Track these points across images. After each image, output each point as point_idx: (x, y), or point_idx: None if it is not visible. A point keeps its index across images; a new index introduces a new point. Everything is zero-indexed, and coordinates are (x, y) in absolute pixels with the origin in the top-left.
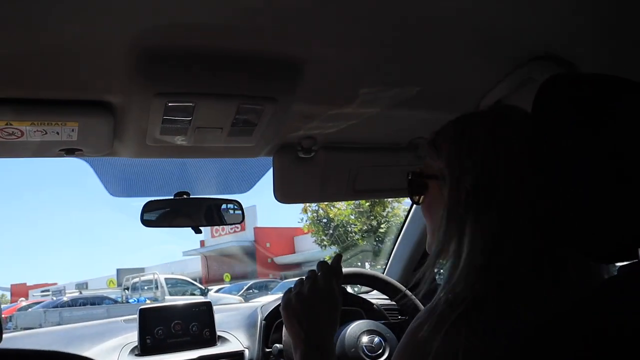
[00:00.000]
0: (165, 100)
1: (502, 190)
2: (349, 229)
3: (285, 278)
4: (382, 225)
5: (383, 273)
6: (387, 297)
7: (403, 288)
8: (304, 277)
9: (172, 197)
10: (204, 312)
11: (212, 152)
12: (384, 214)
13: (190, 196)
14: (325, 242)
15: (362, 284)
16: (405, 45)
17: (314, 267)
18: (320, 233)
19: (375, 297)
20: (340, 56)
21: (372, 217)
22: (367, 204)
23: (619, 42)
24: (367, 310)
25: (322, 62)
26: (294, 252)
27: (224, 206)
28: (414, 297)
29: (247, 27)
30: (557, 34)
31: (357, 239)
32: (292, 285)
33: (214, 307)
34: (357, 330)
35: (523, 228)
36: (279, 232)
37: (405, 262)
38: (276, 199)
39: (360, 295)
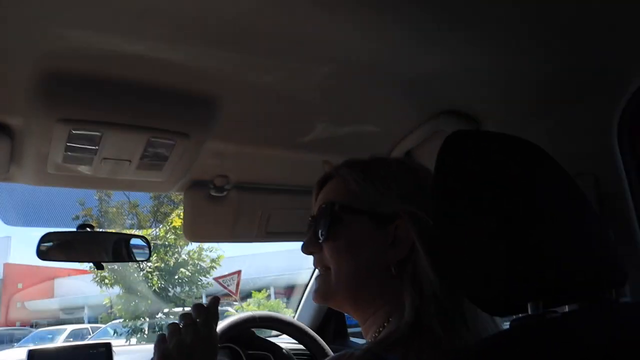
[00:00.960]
0: (70, 127)
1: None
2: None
3: (37, 326)
4: (182, 269)
5: (294, 316)
6: (296, 342)
7: (312, 333)
8: (175, 323)
9: (75, 230)
10: (102, 354)
11: (119, 185)
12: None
13: (95, 229)
14: (107, 281)
15: (271, 328)
16: (320, 89)
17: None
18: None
19: (285, 342)
20: (255, 96)
21: (170, 254)
22: (173, 237)
23: (517, 104)
24: (276, 355)
25: (236, 101)
26: (53, 297)
27: (132, 241)
28: (322, 341)
29: (161, 60)
30: (464, 91)
31: (151, 278)
32: (164, 333)
33: (115, 349)
34: None
35: (435, 281)
36: (36, 271)
37: (316, 306)
38: (185, 236)
39: (268, 339)
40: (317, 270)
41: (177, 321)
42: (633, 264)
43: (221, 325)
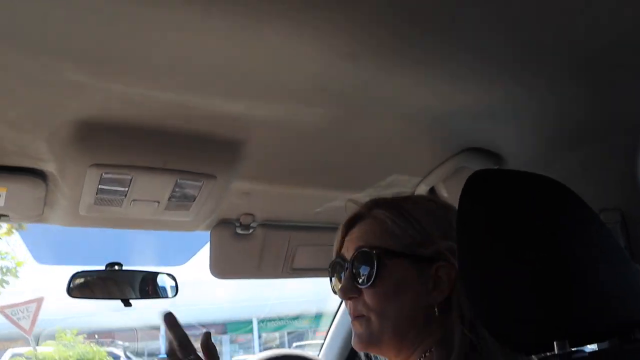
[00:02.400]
0: (102, 171)
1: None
2: None
3: None
4: None
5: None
6: None
7: None
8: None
9: (103, 268)
10: None
11: (147, 225)
12: None
13: (123, 268)
14: None
15: None
16: (343, 128)
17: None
18: None
19: None
20: (279, 138)
21: None
22: None
23: (541, 141)
24: None
25: (261, 143)
26: None
27: (159, 279)
28: None
29: (189, 107)
30: (489, 129)
31: None
32: None
33: None
34: None
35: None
36: None
37: (341, 344)
38: (212, 274)
39: None
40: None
41: None
42: None
43: None
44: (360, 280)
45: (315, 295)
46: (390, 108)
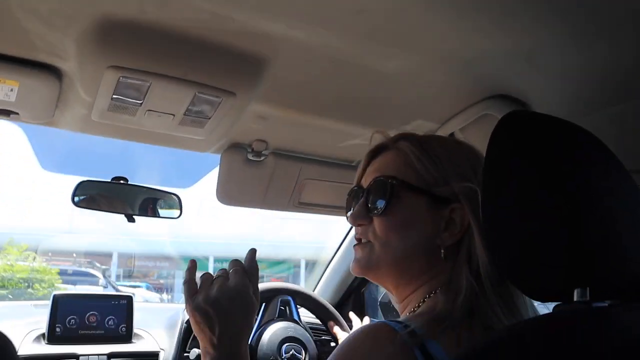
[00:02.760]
0: (119, 74)
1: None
2: None
3: None
4: None
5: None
6: (313, 316)
7: (331, 308)
8: (208, 274)
9: (109, 181)
10: (123, 306)
11: (159, 139)
12: None
13: (129, 182)
14: None
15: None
16: (373, 63)
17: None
18: None
19: (303, 315)
20: (305, 60)
21: None
22: None
23: (573, 95)
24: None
25: (285, 64)
26: None
27: (161, 199)
28: (341, 317)
29: (218, 15)
30: (519, 76)
31: None
32: (196, 283)
33: (136, 304)
34: (278, 337)
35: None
36: None
37: (337, 283)
38: (218, 199)
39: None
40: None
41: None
42: None
43: None
44: (372, 208)
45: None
46: (423, 46)
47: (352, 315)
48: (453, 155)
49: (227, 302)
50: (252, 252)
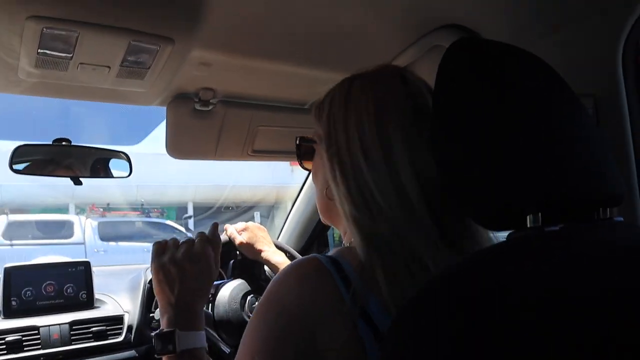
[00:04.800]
0: (42, 25)
1: (377, 154)
2: None
3: None
4: None
5: (277, 238)
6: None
7: (293, 250)
8: (175, 239)
9: (50, 143)
10: (81, 272)
11: (97, 95)
12: None
13: (72, 144)
14: None
15: None
16: (317, 1)
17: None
18: None
19: None
20: (246, 1)
21: None
22: None
23: (520, 20)
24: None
25: (226, 5)
26: None
27: (110, 158)
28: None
29: None
30: (465, 3)
31: None
32: (163, 243)
33: (94, 269)
34: (240, 291)
35: (409, 192)
36: None
37: (300, 229)
38: (168, 153)
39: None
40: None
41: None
42: (626, 186)
43: None
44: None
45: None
46: None
47: None
48: (337, 108)
49: (189, 264)
50: (215, 225)
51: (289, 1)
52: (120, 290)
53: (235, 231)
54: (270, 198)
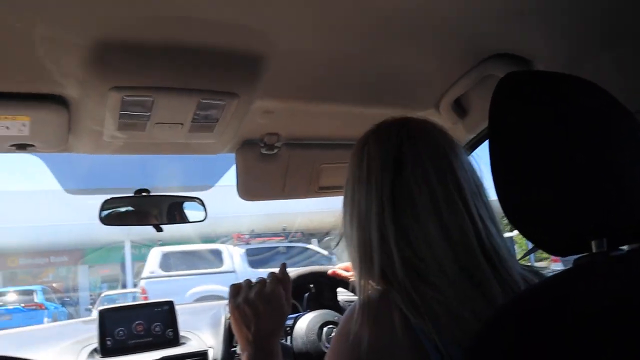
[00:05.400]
0: (122, 94)
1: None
2: None
3: None
4: None
5: None
6: (352, 294)
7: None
8: (251, 282)
9: (132, 195)
10: (166, 312)
11: (172, 149)
12: None
13: (151, 194)
14: None
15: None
16: (366, 40)
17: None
18: None
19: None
20: (302, 52)
21: None
22: None
23: (571, 41)
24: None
25: (283, 57)
26: None
27: (185, 204)
28: None
29: (208, 20)
30: (513, 32)
31: None
32: (240, 285)
33: (177, 307)
34: (316, 322)
35: (462, 226)
36: None
37: None
38: (240, 196)
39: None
40: None
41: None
42: None
43: None
44: None
45: None
46: (413, 15)
47: None
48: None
49: (261, 305)
50: (283, 265)
51: (344, 48)
52: (203, 327)
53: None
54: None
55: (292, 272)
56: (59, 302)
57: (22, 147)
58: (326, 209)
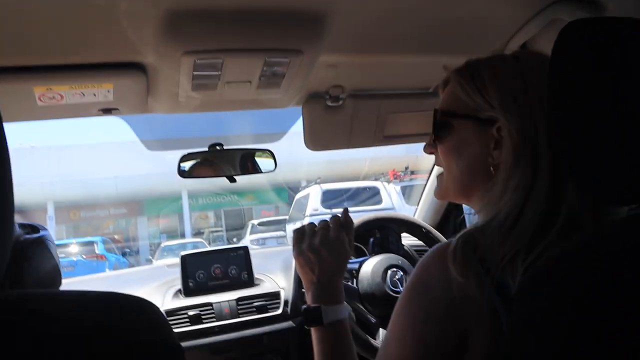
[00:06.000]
0: (194, 57)
1: (539, 141)
2: None
3: None
4: None
5: (414, 215)
6: (416, 238)
7: (428, 226)
8: (312, 224)
9: (207, 149)
10: (242, 256)
11: (242, 105)
12: None
13: (224, 147)
14: None
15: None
16: None
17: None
18: None
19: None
20: (364, 5)
21: None
22: None
23: None
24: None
25: (345, 12)
26: None
27: (257, 155)
28: (441, 236)
29: None
30: None
31: None
32: (304, 230)
33: (251, 252)
34: (381, 266)
35: (550, 178)
36: None
37: (434, 204)
38: (307, 146)
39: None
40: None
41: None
42: None
43: None
44: (435, 139)
45: None
46: None
47: None
48: (500, 76)
49: (325, 250)
50: (345, 210)
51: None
52: (275, 270)
53: None
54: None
55: (358, 218)
56: (119, 253)
57: (107, 111)
58: None
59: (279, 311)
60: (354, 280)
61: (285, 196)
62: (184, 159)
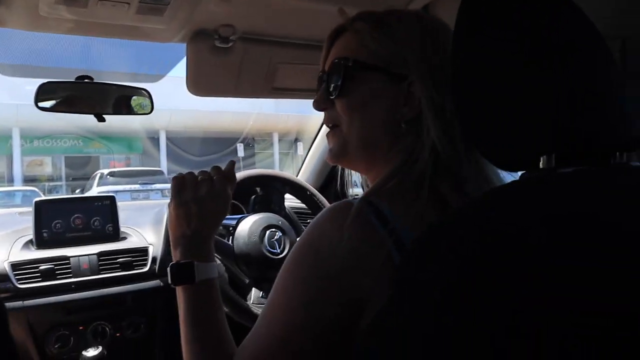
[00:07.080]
0: None
1: (445, 100)
2: None
3: None
4: None
5: (297, 175)
6: (298, 200)
7: (313, 189)
8: (193, 174)
9: (73, 81)
10: (107, 206)
11: (118, 32)
12: None
13: (95, 81)
14: None
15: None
16: None
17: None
18: None
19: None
20: None
21: None
22: None
23: None
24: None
25: None
26: None
27: (132, 96)
28: (323, 199)
29: None
30: None
31: None
32: (182, 178)
33: (119, 204)
34: (259, 225)
35: (445, 136)
36: None
37: (318, 167)
38: (189, 90)
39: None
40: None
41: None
42: None
43: None
44: (332, 91)
45: None
46: None
47: None
48: (411, 31)
49: (210, 203)
50: (232, 163)
51: None
52: (145, 224)
53: None
54: (291, 130)
55: (241, 172)
56: None
57: None
58: None
59: (146, 269)
60: (230, 238)
61: (140, 147)
62: (43, 88)
